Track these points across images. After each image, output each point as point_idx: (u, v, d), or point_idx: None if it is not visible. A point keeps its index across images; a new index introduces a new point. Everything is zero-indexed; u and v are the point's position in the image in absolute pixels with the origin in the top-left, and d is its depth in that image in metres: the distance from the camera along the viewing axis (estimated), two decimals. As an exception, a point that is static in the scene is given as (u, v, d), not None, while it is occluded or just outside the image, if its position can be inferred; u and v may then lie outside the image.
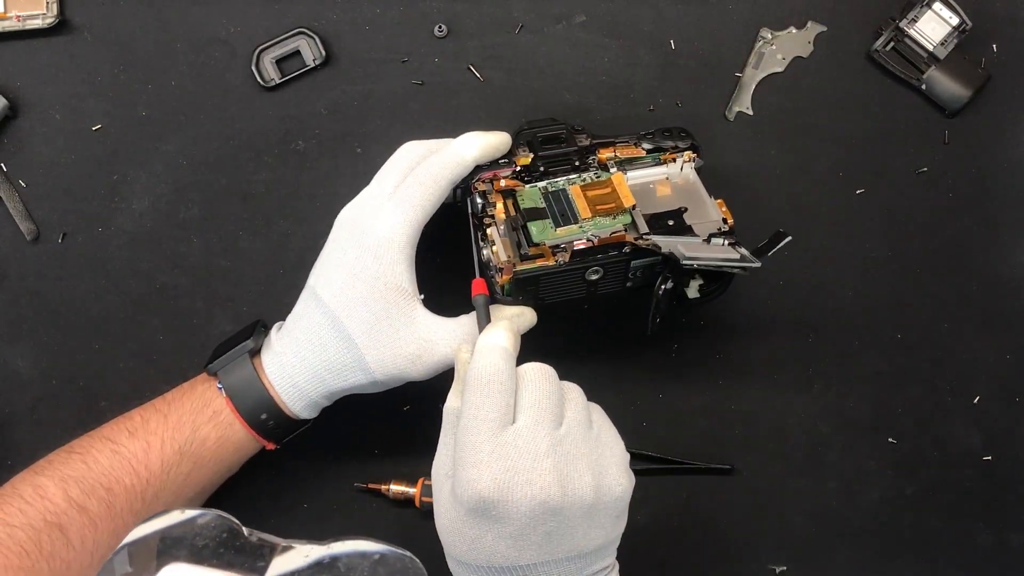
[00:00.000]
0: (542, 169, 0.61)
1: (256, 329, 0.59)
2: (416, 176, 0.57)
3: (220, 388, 0.57)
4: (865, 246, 0.68)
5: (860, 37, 0.69)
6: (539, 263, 0.57)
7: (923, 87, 0.68)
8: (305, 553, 0.41)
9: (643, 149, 0.62)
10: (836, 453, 0.67)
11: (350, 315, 0.56)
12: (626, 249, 0.57)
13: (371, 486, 0.65)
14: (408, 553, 0.43)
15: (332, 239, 0.59)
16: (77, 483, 0.54)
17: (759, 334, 0.67)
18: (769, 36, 0.69)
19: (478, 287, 0.56)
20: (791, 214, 0.68)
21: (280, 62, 0.68)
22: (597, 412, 0.53)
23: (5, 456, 0.66)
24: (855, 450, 0.67)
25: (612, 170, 0.61)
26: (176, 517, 0.42)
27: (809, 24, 0.69)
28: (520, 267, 0.57)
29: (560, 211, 0.59)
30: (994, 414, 0.67)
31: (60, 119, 0.68)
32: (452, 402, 0.52)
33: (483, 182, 0.60)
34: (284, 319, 0.60)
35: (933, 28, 0.67)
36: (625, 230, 0.58)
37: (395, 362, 0.56)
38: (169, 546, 0.40)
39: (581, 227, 0.58)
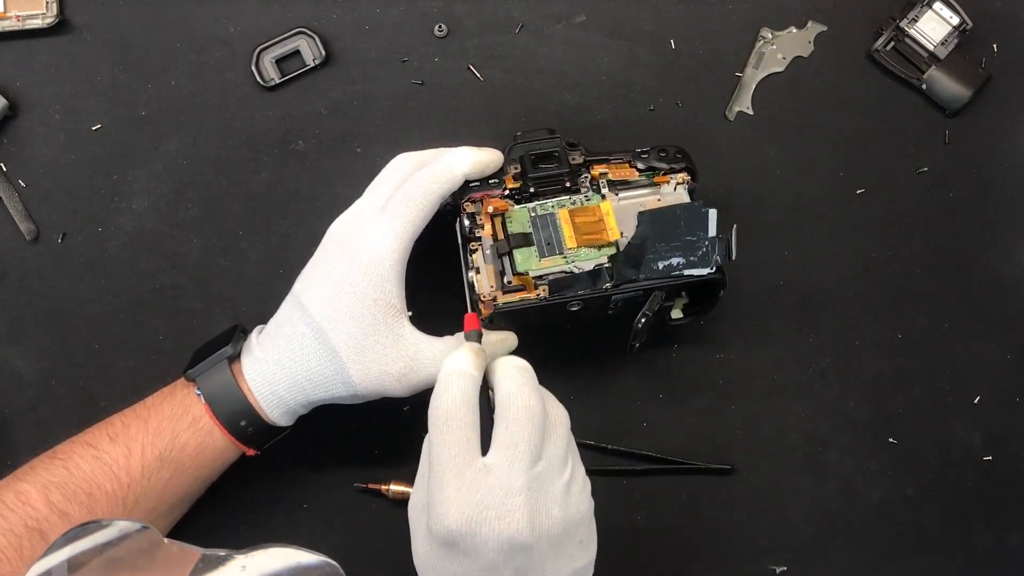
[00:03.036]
0: (532, 190, 0.60)
1: (235, 334, 0.59)
2: (406, 191, 0.57)
3: (199, 394, 0.57)
4: (865, 246, 0.68)
5: (860, 37, 0.69)
6: (520, 296, 0.58)
7: (923, 87, 0.68)
8: (221, 560, 0.41)
9: (637, 168, 0.61)
10: (836, 453, 0.67)
11: (336, 328, 0.55)
12: (606, 285, 0.58)
13: (371, 486, 0.65)
14: (330, 561, 0.42)
15: (322, 249, 0.58)
16: (59, 489, 0.54)
17: (759, 334, 0.67)
18: (769, 36, 0.69)
19: (470, 322, 0.55)
20: (791, 214, 0.68)
21: (280, 62, 0.68)
22: (572, 444, 0.52)
23: (5, 456, 0.66)
24: (855, 450, 0.67)
25: (604, 191, 0.61)
26: (103, 537, 0.41)
27: (809, 24, 0.69)
28: (501, 300, 0.58)
29: (547, 239, 0.59)
30: (994, 414, 0.67)
31: (60, 119, 0.68)
32: None
33: (472, 203, 0.60)
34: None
35: (933, 28, 0.67)
36: (609, 262, 0.59)
37: (379, 379, 0.56)
38: (85, 558, 0.40)
39: (566, 258, 0.59)
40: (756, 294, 0.68)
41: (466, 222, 0.60)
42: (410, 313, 0.57)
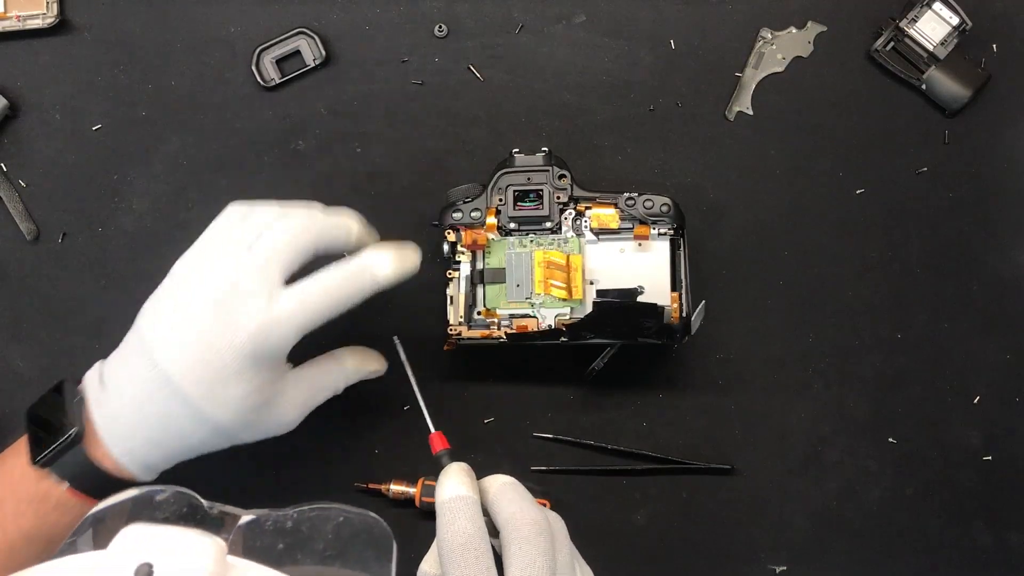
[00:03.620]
0: (512, 227, 0.62)
1: (72, 402, 0.54)
2: (322, 288, 0.52)
3: (57, 481, 0.53)
4: (865, 246, 0.68)
5: (860, 37, 0.69)
6: (482, 335, 0.61)
7: (923, 87, 0.68)
8: (268, 520, 0.41)
9: (621, 211, 0.61)
10: (836, 453, 0.67)
11: (222, 410, 0.52)
12: (563, 339, 0.59)
13: (371, 486, 0.65)
14: (373, 514, 0.42)
15: (187, 305, 0.52)
16: None
17: (759, 334, 0.67)
18: (769, 36, 0.69)
19: (439, 442, 0.53)
20: (791, 214, 0.68)
21: (280, 62, 0.68)
22: (573, 548, 0.50)
23: (5, 456, 0.67)
24: (855, 450, 0.67)
25: (585, 235, 0.62)
26: (133, 494, 0.41)
27: (809, 24, 0.69)
28: (466, 334, 0.61)
29: (517, 280, 0.61)
30: (994, 414, 0.67)
31: (60, 119, 0.68)
32: (429, 568, 0.49)
33: (452, 232, 0.62)
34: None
35: (933, 28, 0.67)
36: (572, 312, 0.61)
37: (265, 433, 0.55)
38: (127, 521, 0.40)
39: (531, 303, 0.61)
40: (756, 294, 0.68)
41: (445, 248, 0.61)
42: (290, 365, 0.56)
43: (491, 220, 0.61)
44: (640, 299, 0.59)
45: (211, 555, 0.35)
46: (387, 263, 0.54)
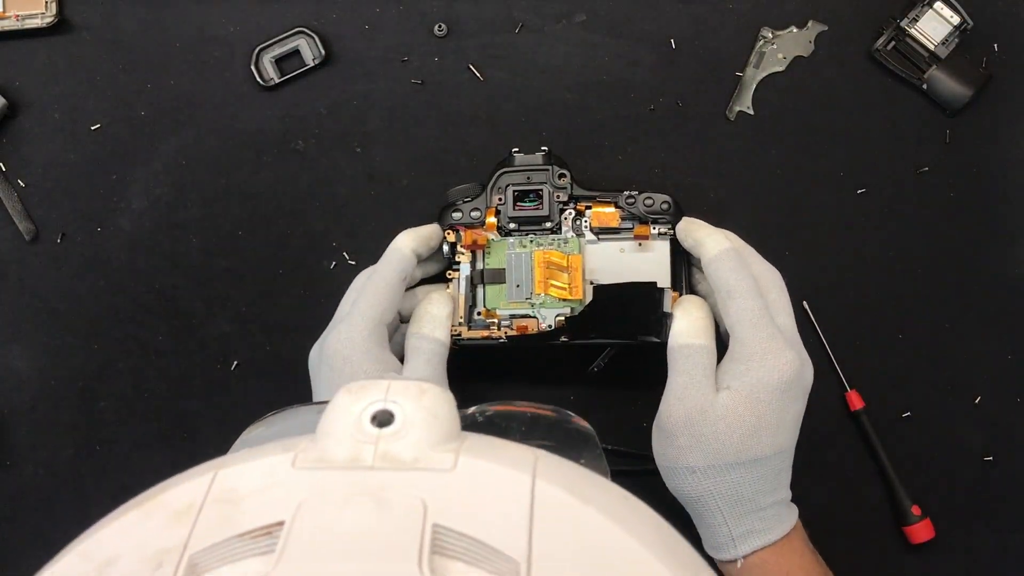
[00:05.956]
0: (512, 227, 0.62)
1: None
2: (368, 279, 0.59)
3: None
4: (865, 246, 0.68)
5: (861, 36, 0.69)
6: (483, 335, 0.61)
7: (924, 87, 0.68)
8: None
9: (621, 209, 0.61)
10: (836, 453, 0.67)
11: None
12: (563, 339, 0.59)
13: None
14: (566, 411, 0.42)
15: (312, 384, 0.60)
16: None
17: (759, 334, 0.67)
18: (770, 35, 0.69)
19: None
20: (791, 214, 0.68)
21: (280, 62, 0.68)
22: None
23: (5, 456, 0.67)
24: (855, 449, 0.67)
25: (585, 235, 0.62)
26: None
27: (810, 23, 0.69)
28: (466, 335, 0.61)
29: (517, 281, 0.61)
30: (994, 414, 0.67)
31: (59, 119, 0.68)
32: (695, 339, 0.57)
33: (452, 232, 0.62)
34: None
35: (934, 27, 0.67)
36: (572, 312, 0.61)
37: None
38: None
39: (532, 303, 0.61)
40: (756, 294, 0.68)
41: (445, 248, 0.61)
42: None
43: (491, 220, 0.61)
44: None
45: (449, 403, 0.33)
46: (404, 238, 0.60)
